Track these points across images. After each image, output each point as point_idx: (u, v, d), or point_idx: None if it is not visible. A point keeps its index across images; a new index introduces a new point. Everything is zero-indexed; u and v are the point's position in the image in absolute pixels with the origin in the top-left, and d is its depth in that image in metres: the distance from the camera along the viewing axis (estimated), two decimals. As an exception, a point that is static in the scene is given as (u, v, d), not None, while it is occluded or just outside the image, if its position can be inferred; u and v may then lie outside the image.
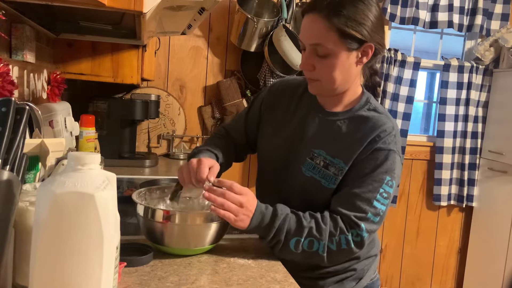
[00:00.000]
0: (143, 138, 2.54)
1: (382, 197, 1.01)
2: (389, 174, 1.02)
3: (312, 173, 1.08)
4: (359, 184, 1.02)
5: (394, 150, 1.05)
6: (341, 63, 1.02)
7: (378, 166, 1.02)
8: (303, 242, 0.98)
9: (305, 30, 1.04)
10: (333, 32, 0.98)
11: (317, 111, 1.14)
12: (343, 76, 1.04)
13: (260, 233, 1.02)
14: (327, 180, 1.06)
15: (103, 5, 0.90)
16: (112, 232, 0.63)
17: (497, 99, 2.95)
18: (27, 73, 1.43)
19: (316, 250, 0.99)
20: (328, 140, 1.09)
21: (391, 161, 1.03)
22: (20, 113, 0.71)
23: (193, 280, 0.88)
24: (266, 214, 0.99)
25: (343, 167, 1.05)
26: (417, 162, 3.06)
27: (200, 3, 1.27)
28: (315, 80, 1.06)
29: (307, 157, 1.09)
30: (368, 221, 1.00)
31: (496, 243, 2.87)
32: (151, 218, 0.98)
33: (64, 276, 0.60)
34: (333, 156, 1.06)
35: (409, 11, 2.78)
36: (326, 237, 0.99)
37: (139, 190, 1.10)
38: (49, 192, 0.60)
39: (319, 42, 1.00)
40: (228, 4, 2.63)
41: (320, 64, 1.03)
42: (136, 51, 1.96)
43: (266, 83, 2.57)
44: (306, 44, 1.04)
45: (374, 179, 1.02)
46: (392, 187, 1.03)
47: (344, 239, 0.99)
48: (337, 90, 1.07)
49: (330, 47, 1.00)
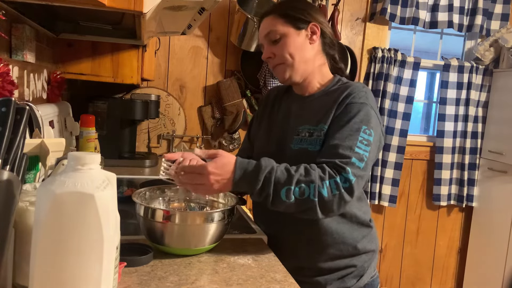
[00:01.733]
0: (143, 138, 2.54)
1: (362, 144, 1.05)
2: (365, 123, 1.07)
3: (299, 145, 1.15)
4: (338, 136, 1.07)
5: (366, 103, 1.11)
6: (293, 41, 1.17)
7: (352, 117, 1.08)
8: (294, 190, 0.97)
9: (260, 31, 1.22)
10: (279, 18, 1.17)
11: (294, 99, 1.26)
12: (299, 54, 1.17)
13: (246, 189, 1.00)
14: (313, 144, 1.13)
15: (103, 5, 0.90)
16: (112, 232, 0.63)
17: (497, 99, 2.95)
18: (27, 73, 1.43)
19: (307, 196, 0.97)
20: (309, 116, 1.18)
21: (365, 112, 1.09)
22: (20, 113, 0.71)
23: (193, 280, 0.88)
24: (248, 168, 0.98)
25: (324, 127, 1.13)
26: (417, 162, 3.06)
27: (200, 3, 1.27)
28: (278, 64, 1.19)
29: (293, 135, 1.18)
30: (354, 166, 1.01)
31: (496, 243, 2.87)
32: (151, 218, 0.98)
33: (64, 276, 0.60)
34: (315, 125, 1.14)
35: (409, 11, 2.78)
36: (316, 181, 0.97)
37: (139, 190, 1.10)
38: (49, 192, 0.60)
39: (270, 29, 1.18)
40: (228, 4, 2.64)
41: (277, 48, 1.18)
42: (136, 51, 1.96)
43: (266, 83, 2.57)
44: (261, 39, 1.21)
45: (351, 128, 1.07)
46: (371, 136, 1.07)
47: (333, 183, 0.98)
48: (300, 70, 1.19)
49: (279, 29, 1.16)
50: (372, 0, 2.83)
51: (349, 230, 1.17)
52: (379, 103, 2.83)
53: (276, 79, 2.54)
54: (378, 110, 1.26)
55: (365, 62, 2.86)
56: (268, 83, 2.56)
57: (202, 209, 1.17)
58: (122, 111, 2.14)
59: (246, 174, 0.97)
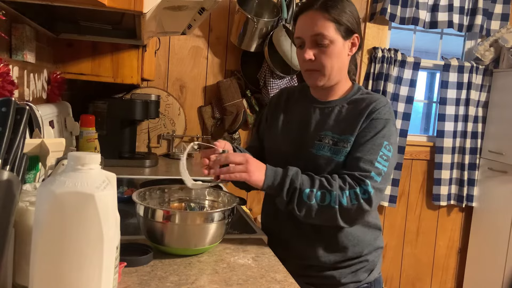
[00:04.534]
0: (143, 138, 2.54)
1: (382, 159, 1.11)
2: (386, 139, 1.14)
3: (323, 152, 1.18)
4: (361, 149, 1.13)
5: (390, 119, 1.16)
6: (338, 51, 1.16)
7: (377, 132, 1.14)
8: (316, 193, 1.06)
9: (305, 25, 1.16)
10: (331, 22, 1.14)
11: (313, 103, 1.26)
12: (338, 64, 1.18)
13: (276, 186, 1.08)
14: (337, 154, 1.16)
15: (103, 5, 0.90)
16: (112, 232, 0.63)
17: (497, 99, 2.95)
18: (27, 73, 1.43)
19: (328, 203, 1.05)
20: (331, 123, 1.20)
21: (388, 129, 1.15)
22: (20, 113, 0.71)
23: (193, 280, 0.88)
24: (277, 170, 1.09)
25: (350, 139, 1.16)
26: (417, 162, 3.06)
27: (200, 3, 1.27)
28: (314, 70, 1.18)
29: (315, 140, 1.20)
30: (372, 179, 1.08)
31: (496, 243, 2.87)
32: (151, 218, 0.98)
33: (64, 276, 0.60)
34: (340, 134, 1.17)
35: (409, 11, 2.78)
36: (337, 189, 1.06)
37: (139, 190, 1.10)
38: (49, 192, 0.60)
39: (320, 32, 1.14)
40: (228, 4, 2.63)
41: (321, 54, 1.16)
42: (136, 51, 1.96)
43: (266, 83, 2.57)
44: (306, 37, 1.16)
45: (374, 143, 1.12)
46: (390, 151, 1.13)
47: (353, 193, 1.06)
48: (333, 80, 1.20)
49: (331, 34, 1.14)
50: (372, 0, 2.83)
51: (363, 233, 1.23)
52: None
53: (276, 79, 2.55)
54: None
55: (365, 62, 2.86)
56: (268, 83, 2.56)
57: (202, 209, 1.17)
58: (122, 111, 2.14)
59: (277, 176, 1.08)
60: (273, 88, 2.56)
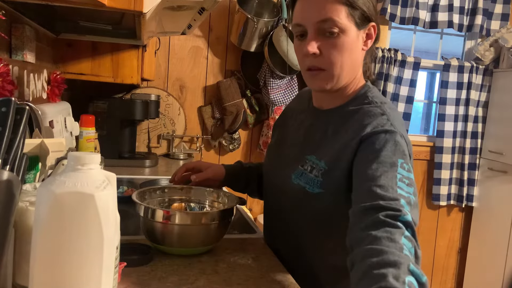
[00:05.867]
0: (143, 138, 2.54)
1: (403, 184, 0.78)
2: (399, 156, 0.82)
3: (299, 180, 0.97)
4: (370, 178, 0.79)
5: (392, 130, 0.86)
6: (351, 43, 0.89)
7: (380, 150, 0.83)
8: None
9: (309, 8, 0.89)
10: (343, 5, 0.87)
11: (311, 113, 1.05)
12: (351, 61, 0.91)
13: None
14: (310, 184, 0.94)
15: (103, 5, 0.90)
16: (112, 232, 0.63)
17: (497, 99, 2.95)
18: (27, 73, 1.43)
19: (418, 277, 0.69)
20: (317, 141, 0.98)
21: (393, 143, 0.83)
22: (20, 113, 0.70)
23: (193, 280, 0.88)
24: None
25: (323, 167, 0.92)
26: (417, 162, 3.06)
27: (200, 3, 1.27)
28: (320, 69, 0.91)
29: (299, 164, 0.98)
30: (404, 209, 0.73)
31: (496, 243, 2.87)
32: (151, 218, 0.98)
33: (64, 276, 0.60)
34: (319, 159, 0.94)
35: (409, 11, 2.78)
36: (407, 261, 0.67)
37: (139, 190, 1.10)
38: (49, 192, 0.60)
39: (329, 17, 0.86)
40: (228, 4, 2.63)
41: (328, 46, 0.88)
42: (136, 51, 1.96)
43: (266, 83, 2.57)
44: (309, 25, 0.89)
45: (383, 165, 0.80)
46: (410, 171, 0.82)
47: (407, 239, 0.70)
48: (342, 82, 0.93)
49: (342, 20, 0.87)
50: (372, 0, 2.83)
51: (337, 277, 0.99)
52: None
53: (276, 79, 2.54)
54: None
55: (365, 62, 2.86)
56: (268, 83, 2.56)
57: (202, 209, 1.17)
58: (122, 111, 2.14)
59: None
60: (273, 88, 2.56)
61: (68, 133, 1.72)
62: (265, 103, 2.69)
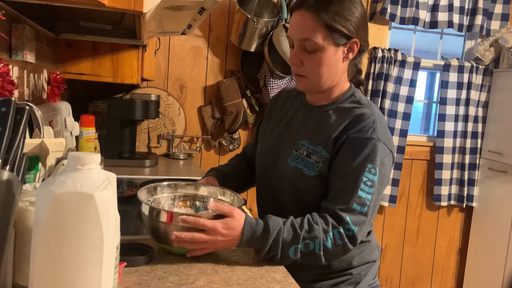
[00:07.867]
0: (143, 138, 2.54)
1: (366, 186, 1.00)
2: (370, 161, 1.01)
3: (295, 163, 1.10)
4: (341, 177, 1.03)
5: (373, 138, 1.02)
6: (328, 58, 1.05)
7: (357, 155, 1.01)
8: (300, 247, 0.98)
9: (294, 26, 1.06)
10: (322, 27, 1.02)
11: (304, 107, 1.18)
12: (329, 72, 1.07)
13: (253, 248, 1.03)
14: (308, 167, 1.08)
15: (103, 5, 0.90)
16: (112, 232, 0.63)
17: (497, 99, 2.95)
18: (27, 73, 1.43)
19: (312, 250, 0.98)
20: (311, 130, 1.12)
21: (370, 149, 1.02)
22: (20, 113, 0.71)
23: (193, 280, 0.88)
24: (257, 232, 0.97)
25: (325, 155, 1.07)
26: (417, 162, 3.06)
27: (200, 3, 1.27)
28: (302, 76, 1.09)
29: (293, 149, 1.12)
30: (355, 213, 0.99)
31: (496, 243, 2.87)
32: (155, 218, 0.98)
33: (64, 276, 0.60)
34: (315, 145, 1.09)
35: (409, 11, 2.78)
36: (321, 235, 0.98)
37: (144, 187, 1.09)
38: (49, 192, 0.60)
39: (308, 37, 1.03)
40: (228, 4, 2.63)
41: (308, 60, 1.06)
42: (136, 51, 1.96)
43: (266, 83, 2.57)
44: (294, 39, 1.06)
45: (354, 168, 1.01)
46: (376, 174, 1.01)
47: (337, 233, 0.99)
48: (323, 87, 1.10)
49: (319, 42, 1.02)
50: (372, 0, 2.83)
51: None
52: (379, 103, 2.83)
53: (276, 79, 2.55)
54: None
55: (365, 62, 2.86)
56: (268, 83, 2.55)
57: (206, 209, 1.17)
58: (122, 111, 2.14)
59: (254, 238, 0.97)
60: (273, 88, 2.56)
61: (68, 133, 1.72)
62: (265, 103, 2.69)
